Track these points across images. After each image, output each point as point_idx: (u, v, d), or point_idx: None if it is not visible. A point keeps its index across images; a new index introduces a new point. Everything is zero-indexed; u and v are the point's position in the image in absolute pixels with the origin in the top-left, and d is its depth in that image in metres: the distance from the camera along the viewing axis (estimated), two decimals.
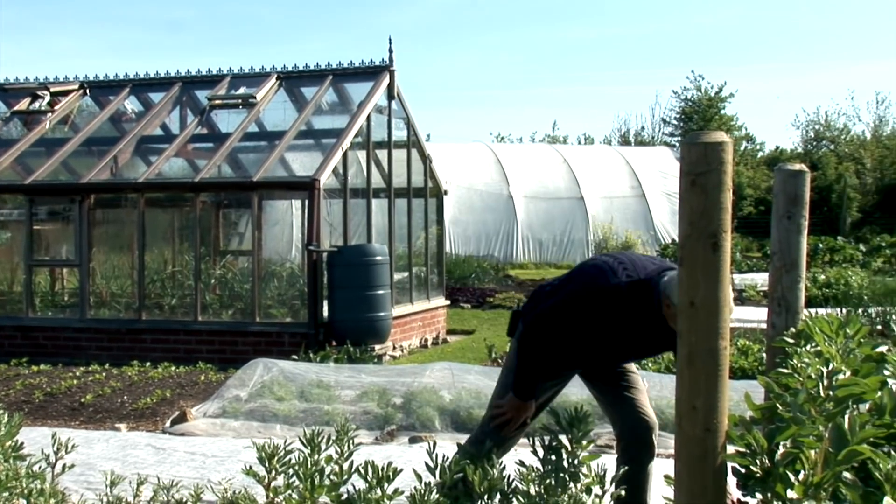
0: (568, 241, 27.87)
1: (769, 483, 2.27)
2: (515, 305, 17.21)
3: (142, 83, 14.40)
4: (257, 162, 12.23)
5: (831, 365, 2.45)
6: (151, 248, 13.03)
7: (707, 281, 2.37)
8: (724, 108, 47.46)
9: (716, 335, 2.38)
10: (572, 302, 4.00)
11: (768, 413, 2.47)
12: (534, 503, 3.00)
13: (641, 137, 50.05)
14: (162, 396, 8.94)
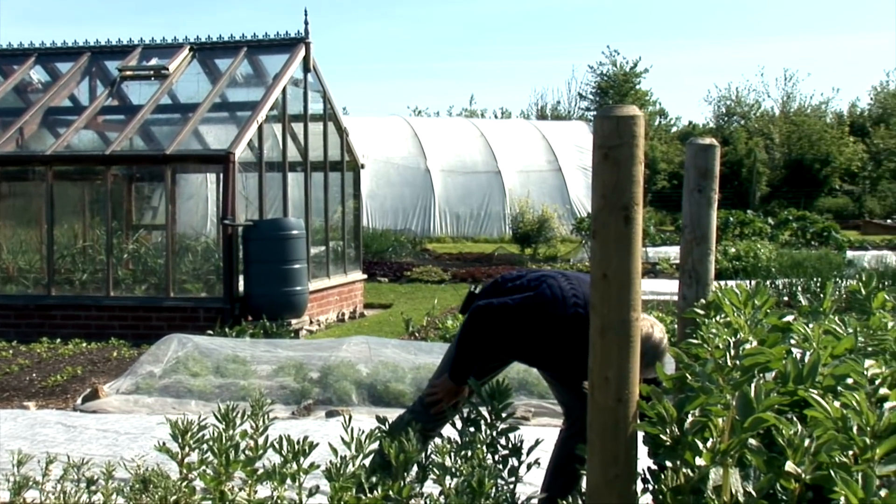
0: (485, 215, 28.01)
1: (678, 451, 2.32)
2: (433, 279, 17.26)
3: (48, 52, 13.99)
4: (170, 135, 12.00)
5: (739, 335, 2.50)
6: (61, 223, 12.73)
7: (619, 253, 2.40)
8: (639, 83, 48.11)
9: (627, 307, 2.41)
10: (520, 312, 4.05)
11: (678, 383, 2.51)
12: (450, 475, 3.02)
13: (558, 112, 50.46)
14: (73, 373, 8.76)
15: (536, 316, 4.02)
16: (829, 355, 2.57)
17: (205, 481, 3.12)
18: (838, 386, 2.37)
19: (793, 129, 45.76)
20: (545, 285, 4.12)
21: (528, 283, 4.23)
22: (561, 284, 4.11)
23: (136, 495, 3.14)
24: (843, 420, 2.10)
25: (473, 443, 3.25)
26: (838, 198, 41.72)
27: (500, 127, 32.88)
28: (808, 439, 2.09)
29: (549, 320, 3.99)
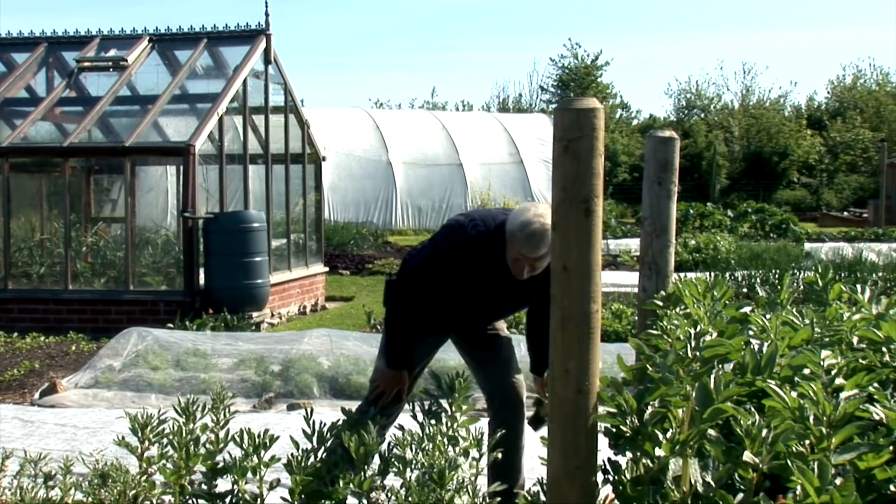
0: (447, 208, 27.98)
1: (638, 442, 2.33)
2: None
3: (4, 43, 13.78)
4: (130, 127, 11.88)
5: (699, 327, 2.52)
6: (18, 215, 12.56)
7: (580, 245, 2.41)
8: (600, 76, 48.30)
9: (588, 299, 2.42)
10: (432, 261, 4.12)
11: (639, 374, 2.53)
12: (410, 467, 3.02)
13: (520, 104, 50.52)
14: (30, 368, 8.66)
15: (445, 254, 4.10)
16: (786, 346, 2.59)
17: (165, 475, 3.10)
18: (795, 376, 2.39)
19: (752, 122, 46.18)
20: (444, 228, 4.24)
21: (428, 241, 4.39)
22: (458, 219, 4.23)
23: (95, 490, 3.11)
24: (801, 410, 2.12)
25: (434, 435, 3.25)
26: (796, 190, 42.18)
27: (462, 119, 32.87)
28: (766, 429, 2.11)
29: (457, 250, 4.06)
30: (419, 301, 4.12)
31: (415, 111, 41.84)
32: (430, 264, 4.12)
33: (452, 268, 4.08)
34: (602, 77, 48.47)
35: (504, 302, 4.28)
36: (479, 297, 4.19)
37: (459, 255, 4.06)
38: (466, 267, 4.06)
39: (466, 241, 4.04)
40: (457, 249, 4.06)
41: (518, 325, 9.89)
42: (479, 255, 4.03)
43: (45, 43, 13.55)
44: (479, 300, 4.22)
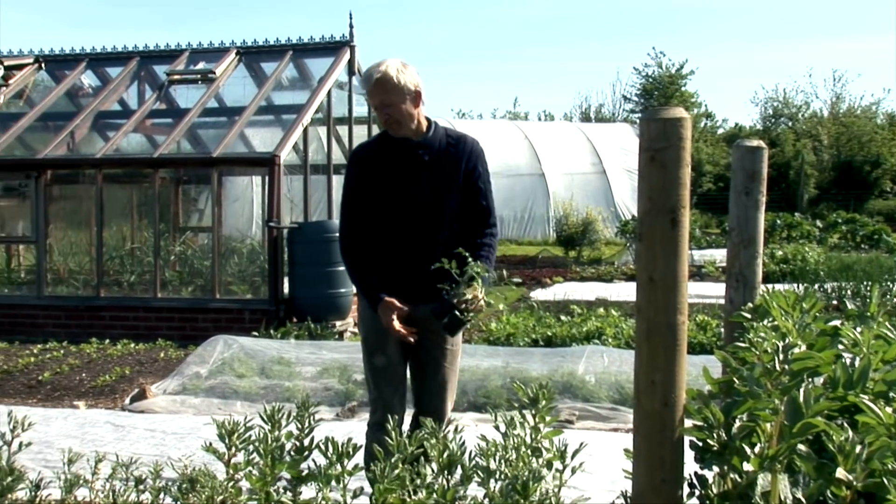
0: (529, 218, 27.92)
1: (726, 456, 2.30)
2: None
3: (99, 57, 14.19)
4: (217, 138, 12.12)
5: (787, 339, 2.47)
6: (110, 225, 12.90)
7: (666, 256, 2.38)
8: (684, 84, 47.77)
9: (674, 310, 2.39)
10: (345, 187, 4.44)
11: (725, 387, 2.49)
12: (493, 478, 3.01)
13: (602, 114, 50.26)
14: (121, 374, 8.87)
15: (349, 172, 4.43)
16: (879, 360, 2.53)
17: (251, 482, 3.14)
18: (890, 392, 2.33)
19: (842, 130, 45.15)
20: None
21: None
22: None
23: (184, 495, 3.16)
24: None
25: (518, 446, 3.23)
26: (889, 200, 41.06)
27: (544, 129, 32.79)
28: (860, 445, 2.06)
29: (354, 161, 4.47)
30: (357, 230, 4.35)
31: (497, 121, 41.88)
32: (344, 190, 4.43)
33: (359, 177, 4.37)
34: (686, 86, 47.95)
35: (421, 195, 4.32)
36: (397, 195, 4.31)
37: (358, 163, 4.42)
38: (370, 170, 4.36)
39: (356, 150, 4.57)
40: (354, 161, 4.46)
41: (599, 338, 9.83)
42: (374, 154, 4.40)
43: (137, 57, 13.92)
44: (398, 200, 4.31)
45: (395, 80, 4.23)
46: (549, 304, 13.04)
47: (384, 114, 4.27)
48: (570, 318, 11.22)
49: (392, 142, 4.35)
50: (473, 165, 4.42)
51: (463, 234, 4.33)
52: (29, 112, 13.18)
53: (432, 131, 4.39)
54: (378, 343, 4.36)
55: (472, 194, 4.39)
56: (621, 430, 6.87)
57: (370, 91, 4.26)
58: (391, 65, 4.25)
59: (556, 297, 13.81)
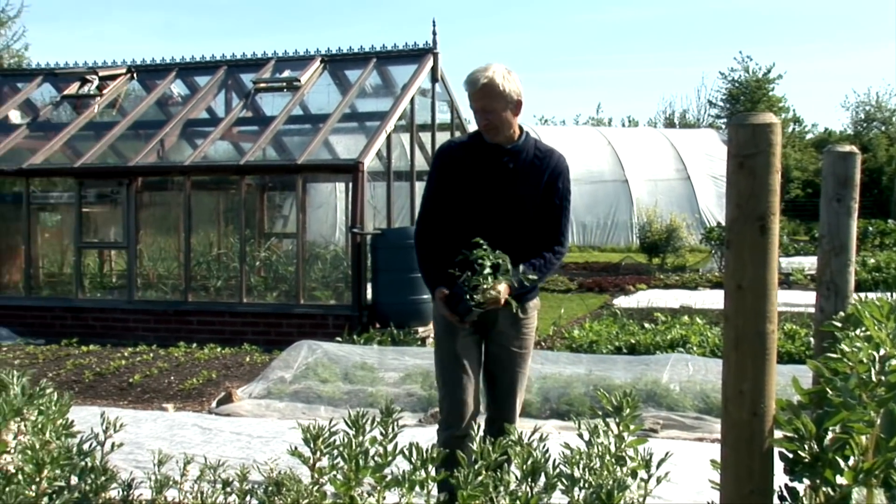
0: (612, 225, 27.72)
1: (818, 468, 2.25)
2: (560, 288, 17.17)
3: (188, 67, 14.51)
4: (302, 145, 12.27)
5: (883, 350, 2.41)
6: (197, 231, 13.15)
7: (755, 264, 2.34)
8: (772, 89, 46.88)
9: (763, 318, 2.35)
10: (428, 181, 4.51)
11: (817, 398, 2.43)
12: (577, 486, 2.99)
13: (686, 120, 49.66)
14: (208, 377, 9.03)
15: (434, 168, 4.50)
16: None
17: (335, 486, 3.17)
18: None
19: None
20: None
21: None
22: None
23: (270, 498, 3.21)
24: None
25: (602, 454, 3.21)
26: None
27: (628, 135, 32.53)
28: None
29: (441, 157, 4.50)
30: (433, 225, 4.41)
31: (580, 127, 41.68)
32: (427, 184, 4.50)
33: (442, 174, 4.42)
34: (774, 90, 47.07)
35: (500, 202, 4.32)
36: (477, 198, 4.32)
37: (444, 160, 4.46)
38: (455, 169, 4.39)
39: (443, 147, 4.58)
40: (440, 157, 4.50)
41: (690, 348, 9.71)
42: (460, 154, 4.42)
43: (224, 66, 14.19)
44: (477, 202, 4.32)
45: (500, 87, 4.24)
46: (632, 311, 12.91)
47: (484, 119, 4.28)
48: (653, 325, 11.10)
49: (481, 144, 4.38)
50: (555, 181, 4.40)
51: (530, 245, 4.34)
52: (121, 121, 13.52)
53: (522, 140, 4.40)
54: (448, 342, 4.40)
55: (548, 209, 4.39)
56: (706, 439, 6.77)
57: (473, 95, 4.26)
58: (497, 70, 4.26)
59: (639, 305, 13.67)
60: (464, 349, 4.39)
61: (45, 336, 11.98)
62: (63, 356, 10.28)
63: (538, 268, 4.33)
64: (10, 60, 30.24)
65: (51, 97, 14.66)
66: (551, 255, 4.39)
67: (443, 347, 4.43)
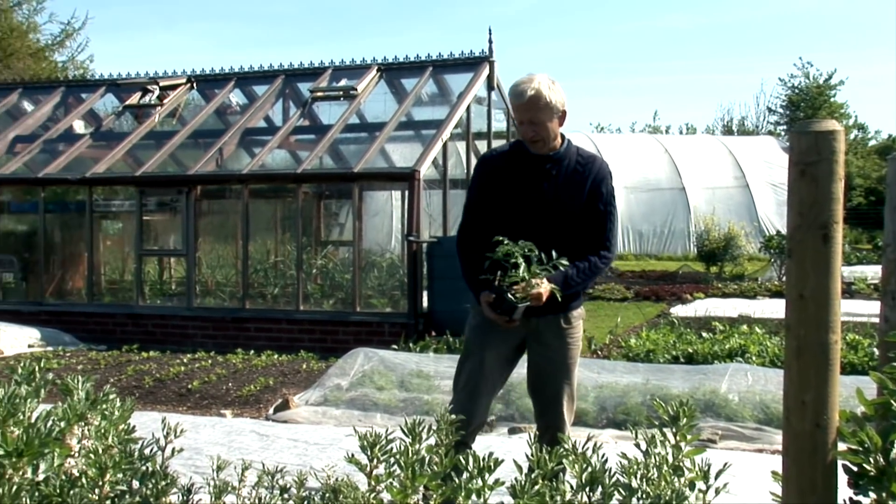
0: (669, 233, 27.50)
1: (884, 482, 2.21)
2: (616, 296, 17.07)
3: (246, 76, 14.68)
4: (358, 153, 12.35)
5: None
6: (255, 239, 13.29)
7: (817, 273, 2.31)
8: (833, 95, 46.17)
9: (826, 328, 2.31)
10: (470, 190, 4.58)
11: (882, 409, 2.39)
12: (635, 496, 2.97)
13: (745, 127, 49.09)
14: (265, 384, 9.11)
15: (476, 176, 4.53)
16: None
17: (392, 494, 3.18)
18: None
19: None
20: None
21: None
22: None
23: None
24: None
25: (659, 465, 3.18)
26: None
27: (685, 143, 32.24)
28: None
29: (482, 166, 4.54)
30: (475, 235, 4.43)
31: (636, 135, 41.40)
32: (468, 193, 4.57)
33: (483, 184, 4.44)
34: (835, 97, 46.35)
35: (543, 210, 4.30)
36: (519, 207, 4.31)
37: (484, 171, 4.48)
38: (496, 178, 4.40)
39: (484, 157, 4.61)
40: (482, 166, 4.53)
41: (749, 358, 9.60)
42: (501, 164, 4.43)
43: (282, 75, 14.34)
44: (519, 211, 4.31)
45: (547, 99, 4.23)
46: (689, 320, 12.79)
47: (531, 131, 4.27)
48: (711, 334, 10.98)
49: (523, 154, 4.38)
50: (598, 186, 4.37)
51: (577, 252, 4.30)
52: (181, 130, 13.73)
53: (564, 148, 4.40)
54: (477, 348, 4.43)
55: (593, 215, 4.36)
56: (766, 450, 6.67)
57: (519, 107, 4.26)
58: (542, 81, 4.24)
59: (697, 314, 13.54)
60: (493, 364, 4.41)
61: (107, 342, 12.19)
62: (124, 362, 10.43)
63: (582, 270, 4.31)
64: (75, 72, 30.87)
65: (113, 107, 14.95)
66: (597, 260, 4.36)
67: (473, 358, 4.44)
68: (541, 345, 4.41)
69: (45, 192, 13.30)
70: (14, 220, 14.31)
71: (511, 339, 4.43)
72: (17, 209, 14.18)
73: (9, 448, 2.61)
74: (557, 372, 4.40)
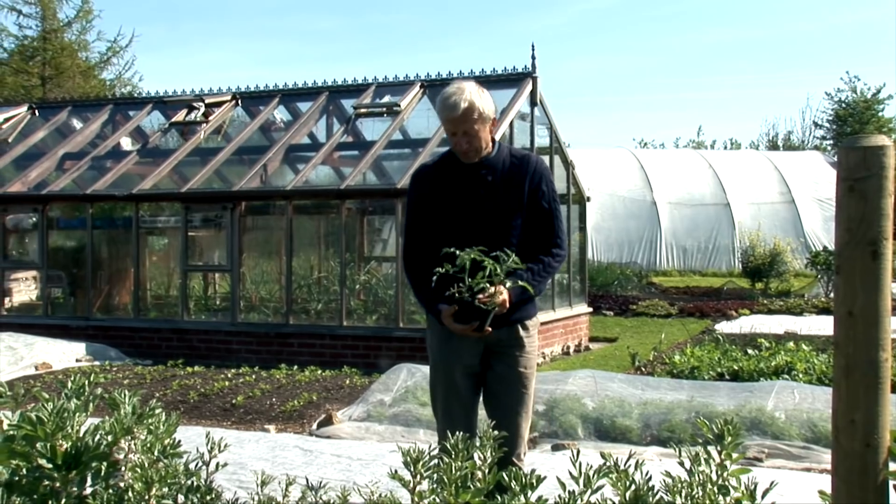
0: (713, 248, 27.29)
1: None
2: (660, 313, 16.96)
3: (290, 93, 14.80)
4: (401, 169, 12.39)
5: None
6: (298, 254, 13.36)
7: (866, 290, 2.28)
8: (882, 110, 45.57)
9: (876, 346, 2.28)
10: (407, 207, 4.54)
11: None
12: None
13: (790, 142, 48.63)
14: (308, 399, 9.15)
15: (410, 193, 4.48)
16: None
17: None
18: None
19: None
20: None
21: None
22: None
23: None
24: None
25: (703, 483, 3.14)
26: None
27: (730, 158, 32.02)
28: None
29: (415, 181, 4.47)
30: (419, 251, 4.35)
31: (680, 150, 41.18)
32: (408, 212, 4.50)
33: (420, 199, 4.39)
34: (884, 111, 45.75)
35: (484, 216, 4.25)
36: (460, 217, 4.26)
37: (419, 185, 4.43)
38: (432, 192, 4.35)
39: (416, 172, 4.52)
40: (415, 181, 4.46)
41: (796, 375, 9.50)
42: (435, 176, 4.38)
43: (326, 92, 14.44)
44: (461, 221, 4.26)
45: (480, 109, 4.20)
46: (734, 337, 12.67)
47: (465, 143, 4.23)
48: (757, 351, 10.87)
49: (456, 163, 4.35)
50: (537, 184, 4.32)
51: (527, 254, 4.25)
52: (226, 146, 13.87)
53: (496, 151, 4.35)
54: (447, 371, 4.34)
55: (537, 214, 4.31)
56: (814, 470, 6.59)
57: (452, 119, 4.19)
58: (473, 92, 4.21)
59: (742, 330, 13.41)
60: (464, 381, 4.34)
61: (153, 357, 12.32)
62: (169, 377, 10.53)
63: (537, 273, 4.26)
64: (123, 89, 31.33)
65: (159, 124, 15.13)
66: (550, 259, 4.31)
67: (441, 377, 4.37)
68: (499, 355, 4.32)
69: (93, 208, 13.49)
70: (63, 236, 14.51)
71: (476, 351, 4.32)
72: (66, 225, 14.38)
73: (58, 461, 2.64)
74: (516, 383, 4.32)
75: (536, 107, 13.28)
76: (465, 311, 4.14)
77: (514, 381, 4.32)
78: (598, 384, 8.33)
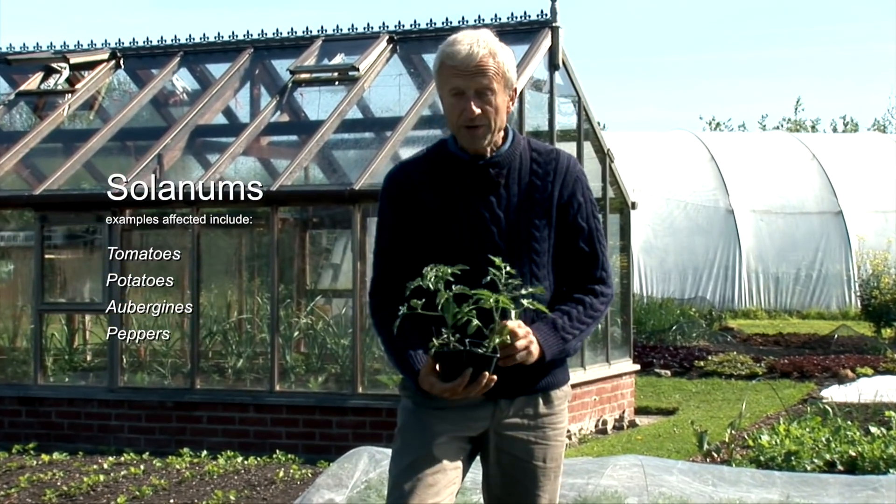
0: (818, 278, 27.39)
1: None
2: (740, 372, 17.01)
3: (197, 50, 14.76)
4: (360, 162, 12.39)
5: None
6: (210, 286, 13.32)
7: None
8: None
9: None
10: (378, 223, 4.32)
11: None
12: None
13: None
14: (224, 500, 9.14)
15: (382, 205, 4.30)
16: None
17: None
18: None
19: None
20: None
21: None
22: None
23: None
24: None
25: None
26: None
27: (843, 145, 32.19)
28: None
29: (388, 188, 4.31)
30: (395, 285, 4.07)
31: (768, 133, 41.45)
32: (378, 234, 4.29)
33: (398, 212, 4.22)
34: None
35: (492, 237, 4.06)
36: (457, 237, 4.08)
37: (396, 192, 4.27)
38: (416, 203, 4.18)
39: (392, 173, 4.38)
40: (389, 189, 4.31)
41: None
42: (420, 180, 4.22)
43: (250, 48, 14.38)
44: (459, 243, 4.07)
45: (502, 65, 4.08)
46: (850, 407, 12.74)
47: (476, 106, 4.05)
48: (884, 430, 10.93)
49: (450, 159, 4.20)
50: (572, 194, 4.14)
51: (557, 292, 4.12)
52: (101, 128, 13.80)
53: (510, 142, 4.20)
54: (419, 438, 4.09)
55: (571, 237, 4.13)
56: None
57: (463, 70, 4.03)
58: (493, 41, 4.09)
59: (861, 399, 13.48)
60: (444, 452, 4.05)
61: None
62: (15, 468, 10.49)
63: (576, 318, 4.05)
64: None
65: (1, 94, 15.06)
66: (592, 300, 4.10)
67: (409, 447, 4.11)
68: (507, 440, 4.12)
69: None
70: None
71: (469, 426, 4.12)
72: None
73: None
74: (532, 482, 4.14)
75: (558, 71, 13.30)
76: (452, 363, 3.86)
77: (529, 480, 4.15)
78: (648, 477, 8.36)
